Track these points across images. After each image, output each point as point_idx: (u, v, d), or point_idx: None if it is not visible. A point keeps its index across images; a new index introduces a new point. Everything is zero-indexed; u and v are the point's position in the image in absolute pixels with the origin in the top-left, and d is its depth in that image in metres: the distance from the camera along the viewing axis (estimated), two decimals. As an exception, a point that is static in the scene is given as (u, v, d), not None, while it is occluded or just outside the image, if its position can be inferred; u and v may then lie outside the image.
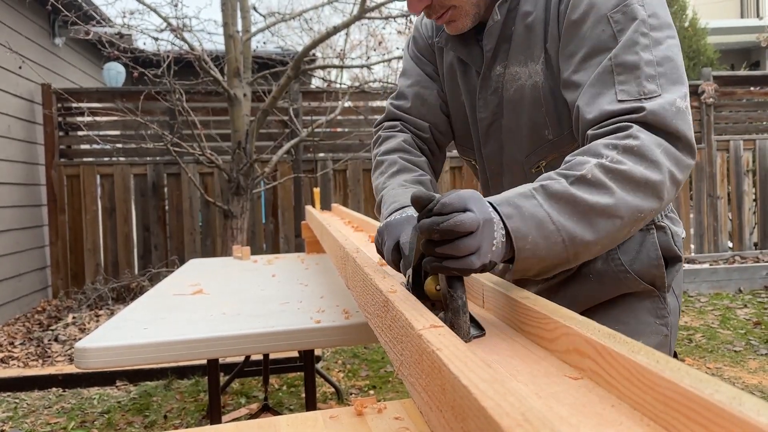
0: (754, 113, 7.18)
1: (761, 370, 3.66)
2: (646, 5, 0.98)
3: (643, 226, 0.97)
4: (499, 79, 1.18)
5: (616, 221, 0.87)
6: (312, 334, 1.58)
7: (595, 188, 0.86)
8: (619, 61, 0.96)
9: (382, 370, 3.91)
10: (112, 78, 7.84)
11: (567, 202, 0.85)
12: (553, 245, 0.85)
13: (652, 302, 1.18)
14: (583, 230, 0.86)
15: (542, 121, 1.14)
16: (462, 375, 0.52)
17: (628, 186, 0.88)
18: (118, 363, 1.49)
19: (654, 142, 0.90)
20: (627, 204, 0.87)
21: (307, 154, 6.25)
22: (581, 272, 1.19)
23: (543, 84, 1.11)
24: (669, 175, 0.91)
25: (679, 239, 1.21)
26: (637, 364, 0.53)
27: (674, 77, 0.96)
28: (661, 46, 0.97)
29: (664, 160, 0.90)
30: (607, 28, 0.98)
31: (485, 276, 0.96)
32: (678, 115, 0.92)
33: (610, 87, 0.96)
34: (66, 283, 5.89)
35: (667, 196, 0.92)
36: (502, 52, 1.16)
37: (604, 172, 0.87)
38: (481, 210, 0.78)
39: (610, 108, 0.94)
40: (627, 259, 1.16)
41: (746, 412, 0.42)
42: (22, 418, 3.33)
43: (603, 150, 0.89)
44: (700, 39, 9.14)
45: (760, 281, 5.85)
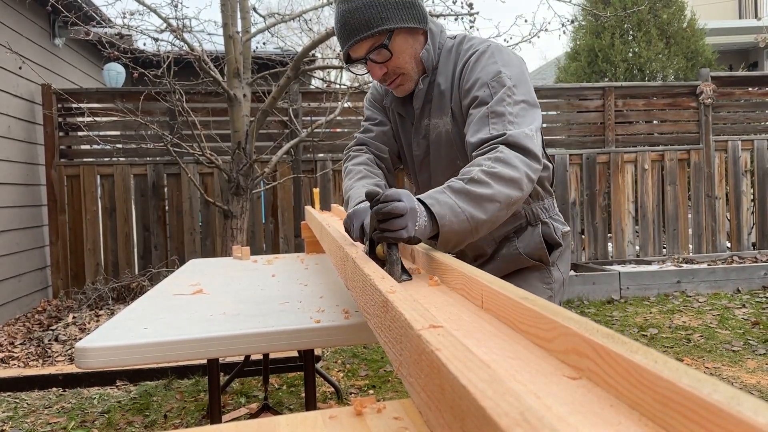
0: (752, 114, 7.19)
1: (759, 369, 3.67)
2: (511, 77, 1.53)
3: (515, 209, 1.46)
4: (426, 128, 1.73)
5: (496, 204, 1.35)
6: (312, 334, 1.58)
7: (480, 184, 1.34)
8: (492, 110, 1.49)
9: (381, 370, 3.91)
10: (112, 78, 7.83)
11: (465, 193, 1.33)
12: (462, 222, 1.31)
13: (541, 273, 1.76)
14: (477, 211, 1.33)
15: (454, 156, 1.68)
16: (461, 375, 0.52)
17: (500, 181, 1.36)
18: (119, 363, 1.50)
19: (513, 154, 1.40)
20: (501, 192, 1.35)
21: (307, 154, 6.26)
22: (493, 257, 1.79)
23: (452, 130, 1.67)
24: (525, 174, 1.40)
25: (559, 232, 1.77)
26: (636, 364, 0.53)
27: (526, 122, 1.48)
28: (518, 105, 1.50)
29: (521, 165, 1.40)
30: (487, 90, 1.52)
31: (485, 277, 0.96)
32: (527, 138, 1.44)
33: (485, 126, 1.48)
34: (66, 283, 5.89)
35: (526, 188, 1.42)
36: (426, 110, 1.72)
37: (484, 174, 1.35)
38: (409, 201, 1.23)
39: (485, 137, 1.46)
40: (521, 246, 1.74)
41: (744, 412, 0.42)
42: (23, 417, 3.34)
43: (482, 161, 1.39)
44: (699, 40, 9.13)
45: (759, 281, 5.85)
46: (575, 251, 6.65)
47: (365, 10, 1.55)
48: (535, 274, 1.76)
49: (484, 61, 1.58)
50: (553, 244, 1.76)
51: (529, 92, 1.55)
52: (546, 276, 1.76)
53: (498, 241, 1.78)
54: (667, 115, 6.95)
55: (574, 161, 6.69)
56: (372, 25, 1.55)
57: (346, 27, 1.58)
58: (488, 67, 1.56)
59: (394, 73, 1.65)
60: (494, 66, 1.55)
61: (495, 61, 1.57)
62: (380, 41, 1.58)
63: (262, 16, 5.87)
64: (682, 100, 6.90)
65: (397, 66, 1.64)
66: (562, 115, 6.95)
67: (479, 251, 1.81)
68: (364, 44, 1.59)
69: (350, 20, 1.57)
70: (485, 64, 1.57)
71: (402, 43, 1.62)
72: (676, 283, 5.72)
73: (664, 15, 8.95)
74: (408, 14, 1.60)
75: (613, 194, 6.73)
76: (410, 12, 1.60)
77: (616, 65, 8.83)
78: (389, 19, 1.57)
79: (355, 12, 1.56)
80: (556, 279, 1.77)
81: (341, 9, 1.59)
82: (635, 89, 6.91)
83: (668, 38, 8.99)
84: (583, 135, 6.80)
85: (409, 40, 1.63)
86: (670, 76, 8.97)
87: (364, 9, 1.55)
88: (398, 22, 1.58)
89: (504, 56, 1.59)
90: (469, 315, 0.92)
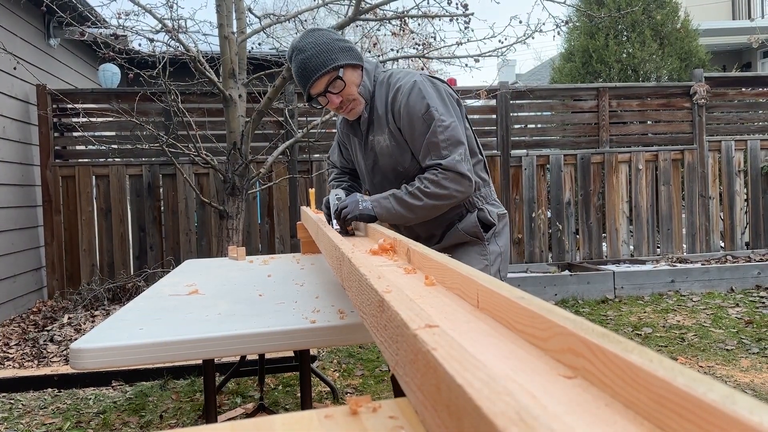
0: (745, 114, 7.22)
1: (753, 368, 3.68)
2: (438, 109, 2.02)
3: (443, 210, 2.09)
4: (372, 142, 2.20)
5: (423, 210, 2.04)
6: (307, 334, 1.58)
7: (414, 197, 2.02)
8: (429, 142, 2.01)
9: (377, 370, 3.91)
10: (107, 79, 7.81)
11: (401, 202, 2.04)
12: (393, 216, 2.06)
13: (478, 247, 2.19)
14: (408, 213, 2.04)
15: (395, 163, 2.16)
16: (457, 374, 0.52)
17: (430, 197, 2.01)
18: (114, 363, 1.49)
19: (444, 177, 1.99)
20: (428, 204, 2.02)
21: (303, 154, 6.25)
22: (442, 237, 2.23)
23: (389, 144, 2.14)
24: (454, 190, 2.01)
25: (494, 214, 2.20)
26: (631, 363, 0.54)
27: (455, 144, 2.01)
28: (447, 130, 2.01)
29: (450, 185, 2.00)
30: (422, 124, 2.02)
31: (481, 277, 0.97)
32: (457, 164, 1.99)
33: (427, 154, 2.03)
34: (61, 284, 5.87)
35: (456, 198, 2.05)
36: (371, 129, 2.19)
37: (419, 191, 2.02)
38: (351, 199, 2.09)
39: (429, 163, 2.03)
40: (461, 226, 2.18)
41: (739, 411, 0.42)
42: (18, 418, 3.33)
43: (424, 179, 2.02)
44: (692, 40, 9.16)
45: (752, 280, 5.87)
46: (570, 251, 6.66)
47: (318, 55, 2.03)
48: (474, 248, 2.20)
49: (414, 97, 2.02)
50: (488, 224, 2.19)
51: (451, 114, 2.04)
52: (482, 250, 2.19)
53: (445, 226, 2.23)
54: (661, 116, 6.97)
55: (568, 161, 6.71)
56: (326, 64, 2.02)
57: (305, 71, 2.04)
58: (418, 103, 2.02)
59: (347, 100, 2.11)
60: (423, 101, 2.02)
61: (423, 96, 2.02)
62: (334, 75, 2.04)
63: (258, 17, 5.86)
64: (676, 101, 6.92)
65: (349, 93, 2.10)
66: (556, 115, 6.96)
67: (430, 233, 2.26)
68: (322, 80, 2.04)
69: (308, 65, 2.03)
70: (415, 100, 2.02)
71: (350, 75, 2.08)
72: (670, 282, 5.74)
73: (658, 16, 8.97)
74: (350, 55, 2.08)
75: (608, 194, 6.75)
76: (351, 53, 2.09)
77: (610, 66, 8.85)
78: (338, 59, 2.04)
79: (311, 58, 2.02)
80: (492, 251, 2.21)
81: (299, 59, 2.04)
82: (629, 90, 6.93)
83: (662, 39, 9.01)
84: (578, 135, 6.81)
85: (354, 74, 2.10)
86: (664, 76, 9.00)
87: (317, 55, 2.02)
88: (344, 59, 2.06)
89: (428, 90, 2.04)
90: (465, 315, 0.92)
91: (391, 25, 5.87)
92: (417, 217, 2.06)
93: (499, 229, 2.23)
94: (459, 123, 2.07)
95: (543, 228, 6.65)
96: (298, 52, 2.05)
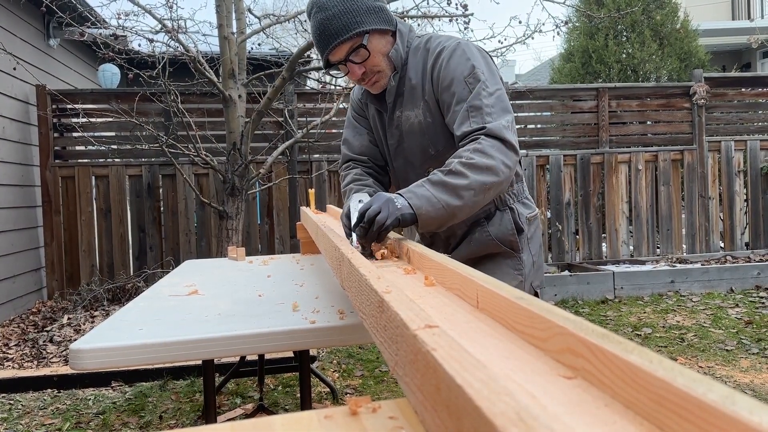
0: (745, 114, 7.22)
1: (753, 368, 3.68)
2: (484, 72, 1.72)
3: (492, 195, 1.66)
4: (398, 119, 1.89)
5: (471, 191, 1.57)
6: (307, 335, 1.58)
7: (456, 175, 1.57)
8: (471, 105, 1.68)
9: (377, 370, 3.91)
10: (107, 79, 7.81)
11: (442, 185, 1.57)
12: (438, 210, 1.55)
13: (512, 260, 1.89)
14: (453, 199, 1.56)
15: (426, 144, 1.86)
16: (457, 374, 0.52)
17: (476, 170, 1.57)
18: (114, 364, 1.49)
19: (490, 144, 1.61)
20: (476, 180, 1.57)
21: (302, 155, 6.25)
22: (464, 239, 1.93)
23: (423, 121, 1.84)
24: (501, 161, 1.61)
25: (524, 218, 1.91)
26: (631, 364, 0.54)
27: (502, 111, 1.68)
28: (493, 96, 1.69)
29: (497, 154, 1.60)
30: (465, 86, 1.71)
31: (480, 278, 0.97)
32: (504, 130, 1.64)
33: (467, 119, 1.68)
34: (61, 284, 5.87)
35: (503, 174, 1.62)
36: (398, 103, 1.89)
37: (461, 165, 1.58)
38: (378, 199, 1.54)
39: (467, 129, 1.67)
40: (492, 230, 1.87)
41: (739, 411, 0.42)
42: (17, 419, 3.33)
43: (462, 153, 1.61)
44: (692, 41, 9.17)
45: (752, 281, 5.87)
46: (569, 251, 6.66)
47: (342, 16, 1.71)
48: (507, 260, 1.90)
49: (457, 58, 1.75)
50: (519, 229, 1.90)
51: (497, 82, 1.76)
52: (517, 262, 1.90)
53: (468, 224, 1.91)
54: (660, 116, 6.97)
55: (568, 162, 6.71)
56: (350, 28, 1.72)
57: (325, 33, 1.72)
58: (462, 64, 1.74)
59: (371, 71, 1.81)
60: (467, 63, 1.74)
61: (468, 57, 1.75)
62: (358, 42, 1.74)
63: (258, 17, 5.86)
64: (676, 101, 6.92)
65: (373, 64, 1.80)
66: (556, 115, 6.96)
67: (450, 232, 1.96)
68: (343, 47, 1.74)
69: (329, 26, 1.71)
70: (459, 61, 1.75)
71: (376, 43, 1.78)
72: (669, 282, 5.74)
73: (658, 16, 8.97)
74: (379, 17, 1.78)
75: (607, 195, 6.75)
76: (380, 15, 1.79)
77: (609, 66, 8.86)
78: (364, 22, 1.74)
79: (333, 19, 1.71)
80: (526, 263, 1.91)
81: (318, 18, 1.73)
82: (629, 90, 6.93)
83: (662, 39, 9.02)
84: (577, 136, 6.81)
85: (381, 41, 1.80)
86: (663, 77, 9.00)
87: (340, 15, 1.71)
88: (372, 24, 1.75)
89: (473, 52, 1.78)
90: (465, 315, 0.92)
91: (391, 26, 5.86)
92: (465, 204, 1.59)
93: (531, 234, 1.93)
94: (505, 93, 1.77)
95: (543, 228, 6.64)
96: (318, 9, 1.73)
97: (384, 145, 2.01)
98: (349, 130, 2.13)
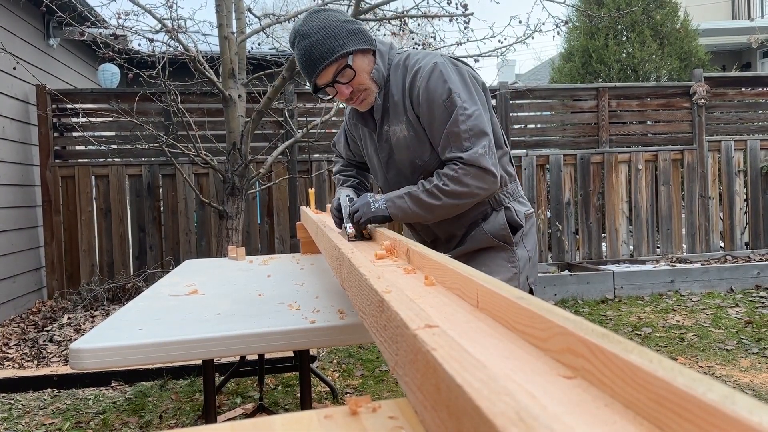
0: (745, 114, 7.22)
1: (753, 368, 3.68)
2: (461, 95, 1.80)
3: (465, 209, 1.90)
4: (387, 133, 1.99)
5: (442, 209, 1.84)
6: (307, 334, 1.58)
7: (432, 196, 1.82)
8: (450, 132, 1.81)
9: (377, 370, 3.91)
10: (107, 79, 7.81)
11: (417, 201, 1.84)
12: (410, 218, 1.90)
13: (506, 253, 1.99)
14: (425, 213, 1.86)
15: (413, 156, 1.95)
16: (457, 374, 0.52)
17: (449, 195, 1.81)
18: (114, 363, 1.49)
19: (465, 173, 1.78)
20: (447, 203, 1.82)
21: (302, 154, 6.25)
22: (463, 239, 2.04)
23: (408, 135, 1.93)
24: (475, 187, 1.80)
25: (521, 214, 2.01)
26: (631, 364, 0.54)
27: (479, 136, 1.80)
28: (470, 119, 1.79)
29: (471, 181, 1.79)
30: (443, 111, 1.81)
31: (480, 277, 0.97)
32: (480, 157, 1.77)
33: (447, 146, 1.82)
34: (61, 284, 5.87)
35: (475, 197, 1.85)
36: (385, 119, 1.98)
37: (437, 189, 1.81)
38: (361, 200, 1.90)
39: (449, 156, 1.82)
40: (486, 227, 1.98)
41: (739, 411, 0.42)
42: (17, 419, 3.33)
43: (443, 176, 1.81)
44: (692, 40, 9.17)
45: (752, 280, 5.87)
46: (569, 251, 6.66)
47: (325, 41, 1.80)
48: (501, 254, 1.99)
49: (434, 81, 1.82)
50: (515, 226, 1.99)
51: (475, 102, 1.83)
52: (511, 255, 1.99)
53: (467, 226, 2.02)
54: (660, 116, 6.97)
55: (568, 162, 6.71)
56: (334, 51, 1.80)
57: (311, 59, 1.81)
58: (439, 87, 1.81)
59: (358, 90, 1.90)
60: (444, 86, 1.81)
61: (444, 80, 1.81)
62: (343, 63, 1.83)
63: (258, 17, 5.86)
64: (676, 101, 6.92)
65: (360, 83, 1.88)
66: (556, 115, 6.96)
67: (450, 234, 2.07)
68: (329, 70, 1.82)
69: (314, 52, 1.80)
70: (436, 84, 1.82)
71: (360, 62, 1.87)
72: (669, 282, 5.74)
73: (658, 16, 8.97)
74: (359, 38, 1.87)
75: (607, 194, 6.75)
76: (360, 37, 1.87)
77: (609, 66, 8.86)
78: (347, 44, 1.82)
79: (317, 44, 1.80)
80: (521, 257, 2.01)
81: (303, 45, 1.82)
82: (629, 90, 6.93)
83: (662, 39, 9.02)
84: (577, 135, 6.81)
85: (364, 60, 1.89)
86: (663, 76, 9.00)
87: (323, 40, 1.80)
88: (354, 45, 1.84)
89: (449, 74, 1.83)
90: (465, 315, 0.92)
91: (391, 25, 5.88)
92: (435, 217, 1.89)
93: (526, 230, 2.03)
94: (484, 111, 1.86)
95: (543, 228, 6.65)
96: (301, 38, 1.82)
97: (375, 161, 2.10)
98: (340, 133, 2.36)
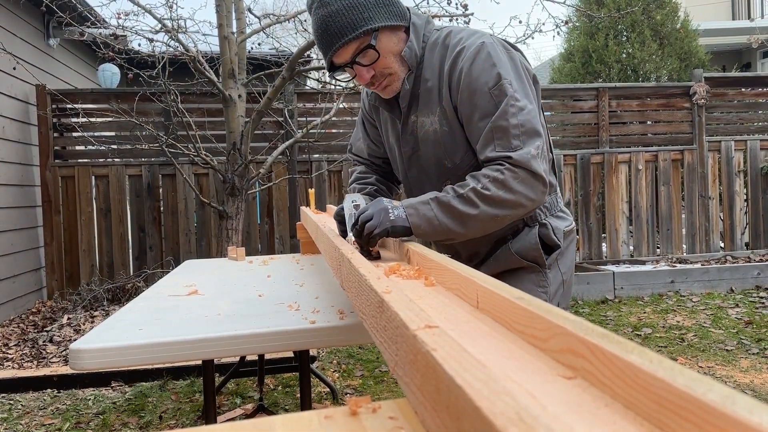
0: (745, 114, 7.22)
1: (753, 369, 3.68)
2: (512, 83, 1.49)
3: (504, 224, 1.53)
4: (413, 125, 1.68)
5: (477, 222, 1.47)
6: (307, 335, 1.58)
7: (467, 203, 1.45)
8: (496, 125, 1.47)
9: (376, 370, 3.91)
10: (107, 79, 7.81)
11: (448, 209, 1.46)
12: (436, 231, 1.48)
13: (536, 275, 1.68)
14: (456, 226, 1.47)
15: (442, 155, 1.65)
16: (457, 375, 0.52)
17: (490, 203, 1.45)
18: (113, 364, 1.49)
19: (513, 176, 1.44)
20: (486, 213, 1.45)
21: (302, 155, 6.25)
22: (488, 257, 1.74)
23: (439, 129, 1.62)
24: (523, 196, 1.45)
25: (559, 232, 1.68)
26: (631, 364, 0.54)
27: (532, 134, 1.47)
28: (522, 113, 1.47)
29: (520, 188, 1.44)
30: (490, 100, 1.49)
31: (480, 278, 0.97)
32: (532, 159, 1.44)
33: (491, 142, 1.48)
34: (61, 284, 5.87)
35: (522, 209, 1.49)
36: (413, 107, 1.67)
37: (475, 193, 1.45)
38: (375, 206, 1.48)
39: (491, 155, 1.48)
40: (514, 247, 1.67)
41: (739, 411, 0.42)
42: (17, 419, 3.32)
43: (481, 178, 1.46)
44: (692, 40, 9.17)
45: (752, 281, 5.87)
46: (570, 251, 6.65)
47: (347, 12, 1.47)
48: (530, 275, 1.67)
49: (480, 63, 1.50)
50: (552, 245, 1.67)
51: (527, 93, 1.52)
52: (541, 279, 1.67)
53: (493, 242, 1.72)
54: (660, 116, 6.97)
55: (568, 162, 6.71)
56: (356, 26, 1.48)
57: (328, 32, 1.49)
58: (486, 71, 1.49)
59: (381, 74, 1.59)
60: (493, 70, 1.49)
61: (493, 63, 1.50)
62: (366, 42, 1.51)
63: (257, 17, 5.86)
64: (676, 101, 6.92)
65: (384, 66, 1.57)
66: (556, 115, 6.96)
67: (473, 251, 1.77)
68: (349, 48, 1.51)
69: (332, 25, 1.48)
70: (483, 67, 1.50)
71: (386, 41, 1.55)
72: (669, 282, 5.74)
73: (658, 16, 8.98)
74: (389, 12, 1.54)
75: (607, 194, 6.75)
76: (391, 9, 1.54)
77: (610, 66, 8.86)
78: (372, 19, 1.50)
79: (336, 15, 1.47)
80: (553, 281, 1.68)
81: (320, 14, 1.50)
82: (629, 90, 6.93)
83: (662, 39, 9.02)
84: (578, 135, 6.81)
85: (392, 39, 1.56)
86: (663, 76, 9.00)
87: (345, 11, 1.47)
88: (381, 20, 1.51)
89: (500, 56, 1.52)
90: (465, 315, 0.92)
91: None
92: (467, 232, 1.50)
93: (563, 249, 1.71)
94: (536, 107, 1.55)
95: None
96: (319, 5, 1.51)
97: (396, 154, 1.79)
98: (357, 129, 2.00)
